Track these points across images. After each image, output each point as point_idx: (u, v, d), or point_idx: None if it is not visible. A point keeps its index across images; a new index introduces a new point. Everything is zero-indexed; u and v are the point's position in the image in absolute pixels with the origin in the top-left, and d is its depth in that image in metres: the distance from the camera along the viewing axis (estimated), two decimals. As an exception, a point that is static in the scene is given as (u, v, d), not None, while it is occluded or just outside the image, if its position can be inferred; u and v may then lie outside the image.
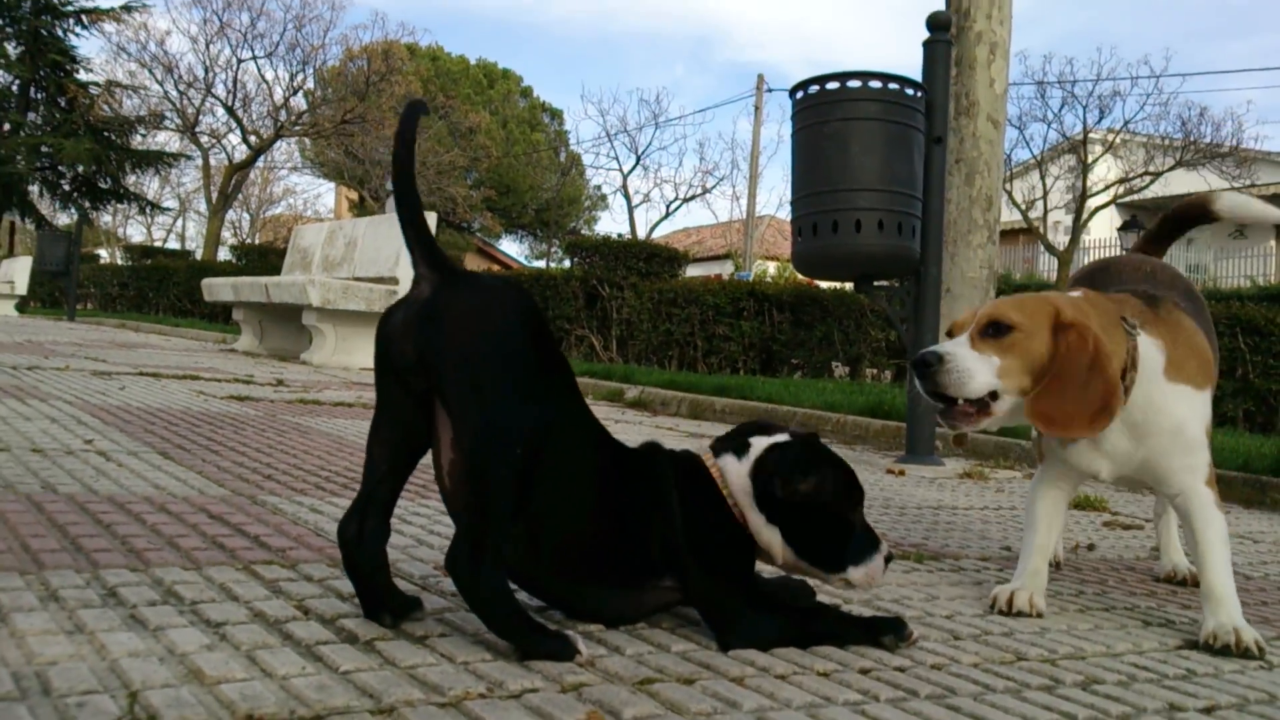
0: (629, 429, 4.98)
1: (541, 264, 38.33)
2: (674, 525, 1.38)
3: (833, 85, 3.63)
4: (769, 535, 1.42)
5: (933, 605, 1.71)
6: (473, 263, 27.08)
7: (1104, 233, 25.99)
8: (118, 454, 2.39)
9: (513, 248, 42.15)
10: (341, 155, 27.04)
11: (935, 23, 3.80)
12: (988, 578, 2.01)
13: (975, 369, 1.59)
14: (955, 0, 7.67)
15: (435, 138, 28.28)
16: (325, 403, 4.47)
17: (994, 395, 1.60)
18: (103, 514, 1.71)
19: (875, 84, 3.62)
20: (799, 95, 3.74)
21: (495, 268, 32.22)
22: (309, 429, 3.36)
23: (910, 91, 3.71)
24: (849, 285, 6.94)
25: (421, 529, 1.92)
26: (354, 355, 8.10)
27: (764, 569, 1.52)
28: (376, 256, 8.36)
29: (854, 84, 3.62)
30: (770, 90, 26.85)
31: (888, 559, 1.46)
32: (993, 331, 1.61)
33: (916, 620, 1.57)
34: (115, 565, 1.41)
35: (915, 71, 3.84)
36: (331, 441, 3.08)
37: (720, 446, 1.48)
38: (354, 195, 32.86)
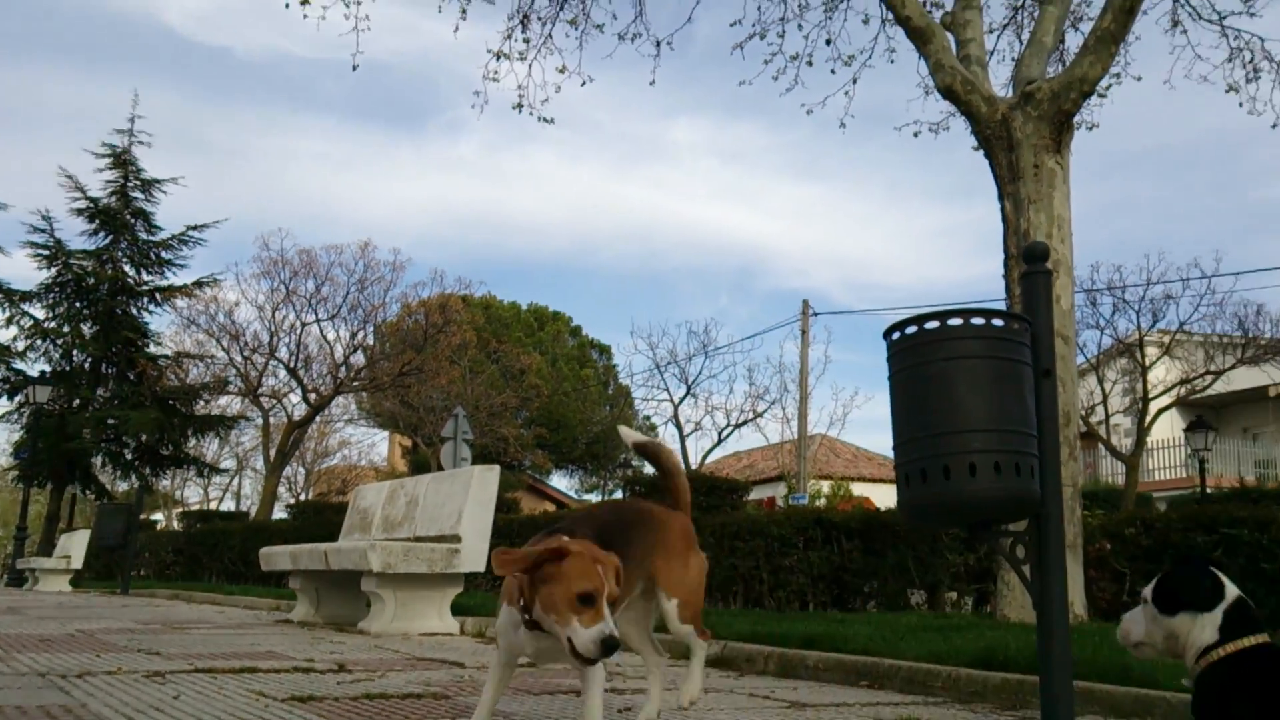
0: (720, 699, 4.50)
1: (593, 497, 38.06)
2: None
3: (932, 325, 3.41)
4: None
5: None
6: (526, 502, 26.84)
7: (1167, 433, 25.33)
8: (169, 819, 2.03)
9: (563, 482, 42.08)
10: (397, 405, 27.45)
11: (1033, 254, 3.61)
12: None
13: None
14: (1014, 223, 7.65)
15: (488, 382, 28.76)
16: (393, 694, 4.08)
17: None
18: None
19: (977, 321, 3.39)
20: (895, 336, 3.52)
21: (548, 505, 31.91)
22: (382, 744, 2.97)
23: (1014, 325, 3.48)
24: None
25: None
26: (414, 621, 7.71)
27: None
28: (439, 514, 8.11)
29: (955, 322, 3.39)
30: (815, 314, 27.25)
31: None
32: None
33: None
34: None
35: (958, 291, 3.66)
36: (410, 764, 2.69)
37: None
38: (407, 442, 33.19)
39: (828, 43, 11.94)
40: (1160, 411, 20.59)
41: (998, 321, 3.38)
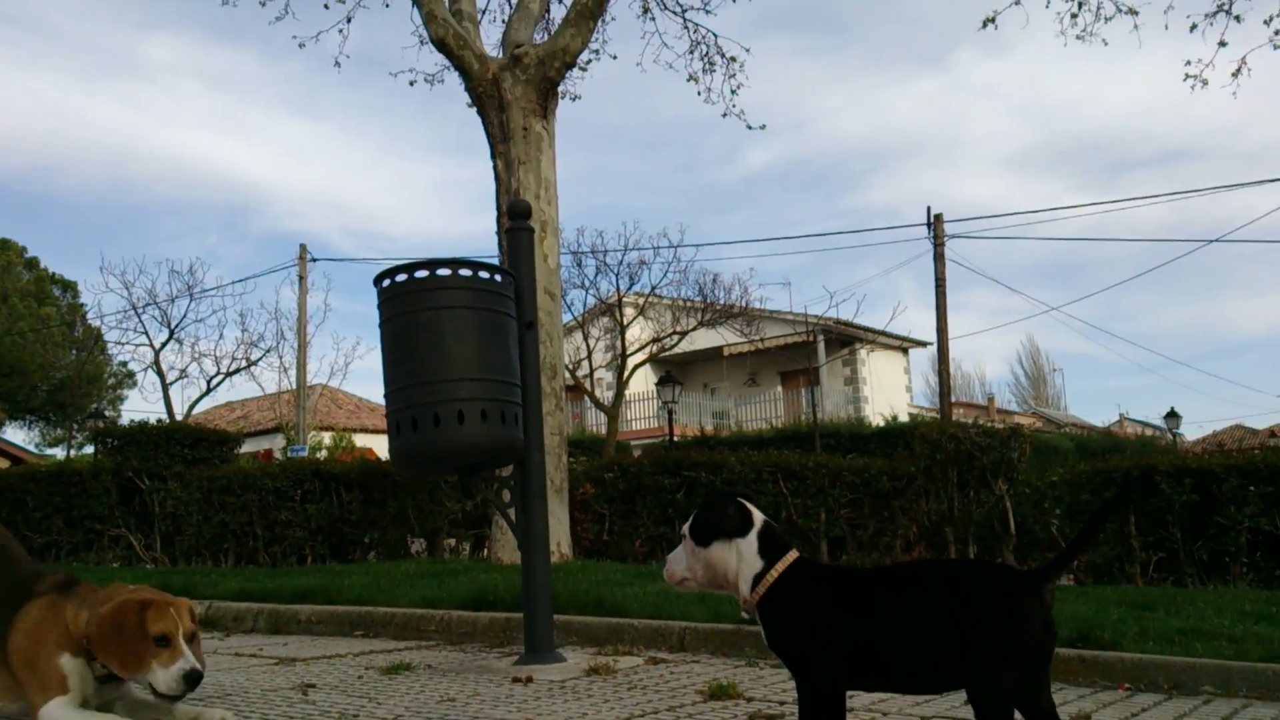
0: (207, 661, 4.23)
1: (57, 452, 33.80)
2: None
3: (422, 274, 3.44)
4: None
5: None
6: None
7: (643, 387, 28.18)
8: None
9: (19, 435, 36.78)
10: None
11: (516, 211, 3.78)
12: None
13: None
14: (506, 182, 7.93)
15: (-87, 321, 24.22)
16: None
17: None
18: None
19: (465, 272, 3.49)
20: (385, 284, 3.50)
21: (2, 462, 27.73)
22: None
23: (499, 278, 3.63)
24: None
25: None
26: None
27: None
28: None
29: (444, 272, 3.46)
30: (315, 260, 26.18)
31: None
32: None
33: None
34: None
35: (460, 245, 3.79)
36: None
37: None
38: None
39: (319, -27, 11.43)
40: (636, 367, 22.78)
41: (484, 274, 3.51)
